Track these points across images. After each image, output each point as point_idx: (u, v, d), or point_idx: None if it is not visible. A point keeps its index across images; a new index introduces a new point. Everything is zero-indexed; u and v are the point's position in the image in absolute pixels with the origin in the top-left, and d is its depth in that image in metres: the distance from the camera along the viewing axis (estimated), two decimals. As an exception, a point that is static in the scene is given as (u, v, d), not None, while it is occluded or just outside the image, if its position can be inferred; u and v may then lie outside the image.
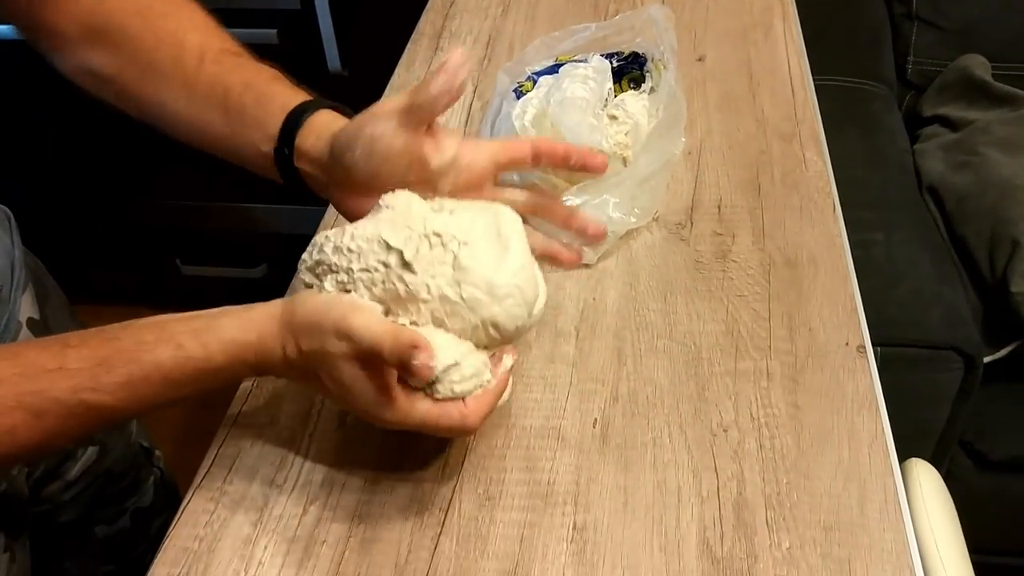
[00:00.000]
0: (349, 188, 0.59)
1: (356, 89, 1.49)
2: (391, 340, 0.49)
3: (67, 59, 0.65)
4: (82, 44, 0.64)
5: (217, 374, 0.53)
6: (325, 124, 0.60)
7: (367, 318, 0.50)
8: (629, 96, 0.81)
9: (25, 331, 0.69)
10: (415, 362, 0.48)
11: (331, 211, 0.81)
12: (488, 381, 0.55)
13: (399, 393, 0.52)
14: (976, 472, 1.25)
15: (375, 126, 0.56)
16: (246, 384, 0.67)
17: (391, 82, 1.00)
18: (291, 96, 0.62)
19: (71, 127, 1.67)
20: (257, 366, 0.53)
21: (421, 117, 0.55)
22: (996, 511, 1.28)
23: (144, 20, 0.63)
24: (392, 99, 0.56)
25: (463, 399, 0.53)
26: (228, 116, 0.62)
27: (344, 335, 0.50)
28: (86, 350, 0.51)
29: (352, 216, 0.60)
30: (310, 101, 0.61)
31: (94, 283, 1.76)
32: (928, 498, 0.66)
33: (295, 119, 0.60)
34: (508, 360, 0.56)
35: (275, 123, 0.60)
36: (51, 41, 0.64)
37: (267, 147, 0.61)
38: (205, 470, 0.62)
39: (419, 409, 0.52)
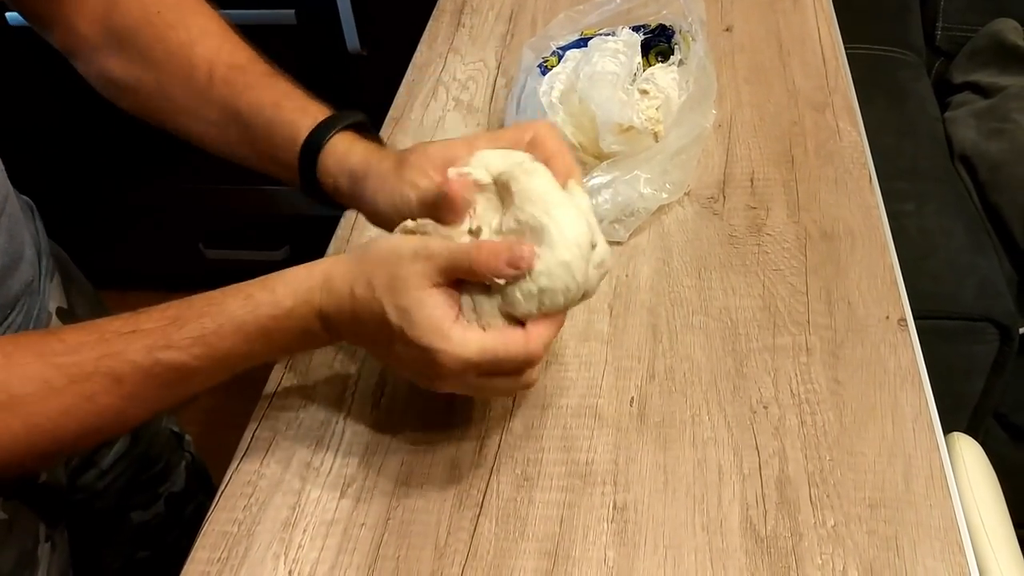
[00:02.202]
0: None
1: (376, 69, 1.48)
2: (477, 248, 0.49)
3: (87, 64, 0.64)
4: (101, 49, 0.63)
5: (287, 322, 0.52)
6: (338, 160, 0.60)
7: (444, 241, 0.51)
8: (658, 69, 0.79)
9: (55, 321, 0.69)
10: (516, 252, 0.49)
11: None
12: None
13: (456, 324, 0.50)
14: (1011, 444, 1.23)
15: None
16: (279, 367, 0.67)
17: (413, 60, 0.98)
18: (300, 122, 0.60)
19: (90, 114, 1.67)
20: (324, 311, 0.52)
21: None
22: (1032, 484, 1.27)
23: (154, 30, 0.62)
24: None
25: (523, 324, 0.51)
26: (245, 137, 0.62)
27: (423, 256, 0.50)
28: (157, 312, 0.51)
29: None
30: (319, 128, 0.60)
31: (118, 270, 1.77)
32: (972, 473, 0.65)
33: (309, 156, 0.60)
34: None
35: (291, 156, 0.60)
36: (71, 42, 0.63)
37: (289, 176, 0.61)
38: (242, 454, 0.62)
39: (475, 338, 0.50)
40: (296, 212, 1.78)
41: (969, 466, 0.65)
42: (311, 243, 0.82)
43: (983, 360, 1.11)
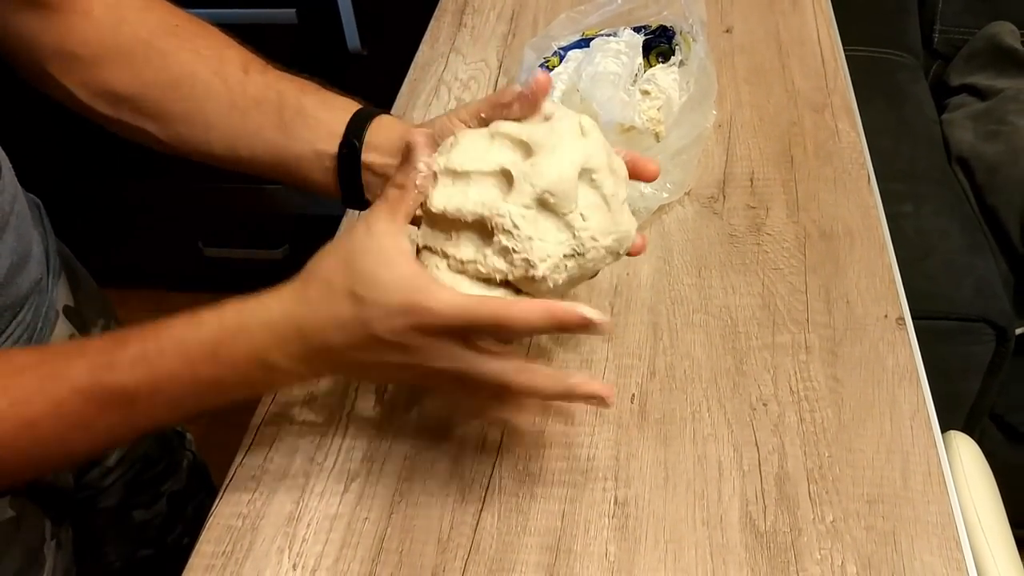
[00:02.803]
0: None
1: (376, 69, 1.49)
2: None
3: (75, 81, 0.63)
4: (96, 64, 0.62)
5: (233, 347, 0.49)
6: (393, 121, 0.61)
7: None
8: (659, 70, 0.80)
9: (62, 319, 0.70)
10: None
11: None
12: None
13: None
14: (1007, 445, 1.24)
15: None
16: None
17: (415, 59, 0.99)
18: (351, 100, 0.62)
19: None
20: (276, 327, 0.49)
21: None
22: (1027, 484, 1.27)
23: (179, 39, 0.63)
24: (469, 105, 0.56)
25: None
26: (283, 118, 0.62)
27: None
28: (108, 336, 0.50)
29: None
30: (372, 108, 0.62)
31: (117, 268, 1.77)
32: (969, 470, 0.65)
33: (364, 116, 0.61)
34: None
35: (340, 120, 0.60)
36: (58, 64, 0.62)
37: (327, 145, 0.60)
38: (246, 448, 0.62)
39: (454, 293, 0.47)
40: (296, 211, 1.79)
41: (966, 463, 0.66)
42: (311, 242, 0.83)
43: (979, 360, 1.12)
